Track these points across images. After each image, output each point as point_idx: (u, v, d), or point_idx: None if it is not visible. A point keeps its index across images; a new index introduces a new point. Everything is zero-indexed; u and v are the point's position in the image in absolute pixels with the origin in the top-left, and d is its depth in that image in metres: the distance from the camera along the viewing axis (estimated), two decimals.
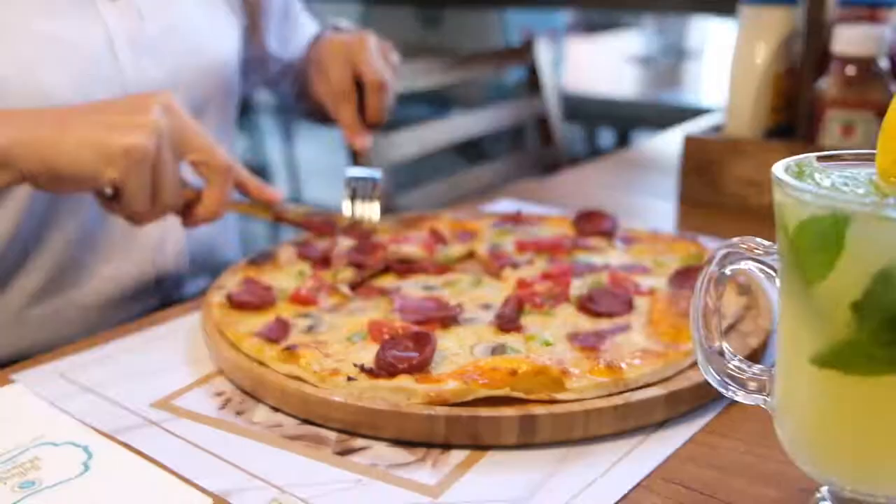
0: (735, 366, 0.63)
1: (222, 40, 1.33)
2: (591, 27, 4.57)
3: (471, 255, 1.14)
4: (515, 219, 1.24)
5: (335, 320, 0.92)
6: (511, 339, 0.87)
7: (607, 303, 0.93)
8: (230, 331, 0.90)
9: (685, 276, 1.01)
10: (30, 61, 1.06)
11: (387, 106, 1.23)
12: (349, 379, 0.79)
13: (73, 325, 1.22)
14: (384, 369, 0.79)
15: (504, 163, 2.42)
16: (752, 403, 0.63)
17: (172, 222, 1.26)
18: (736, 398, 0.63)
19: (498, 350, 0.84)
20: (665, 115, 3.55)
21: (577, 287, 0.99)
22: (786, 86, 1.43)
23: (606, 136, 4.16)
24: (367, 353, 0.84)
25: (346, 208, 1.20)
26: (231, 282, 1.02)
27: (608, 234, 1.17)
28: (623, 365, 0.80)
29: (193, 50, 1.26)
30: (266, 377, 0.82)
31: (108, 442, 0.77)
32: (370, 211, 1.19)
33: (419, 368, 0.80)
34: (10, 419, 0.81)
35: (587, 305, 0.92)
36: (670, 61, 4.28)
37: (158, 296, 1.31)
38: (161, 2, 1.22)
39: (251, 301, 0.95)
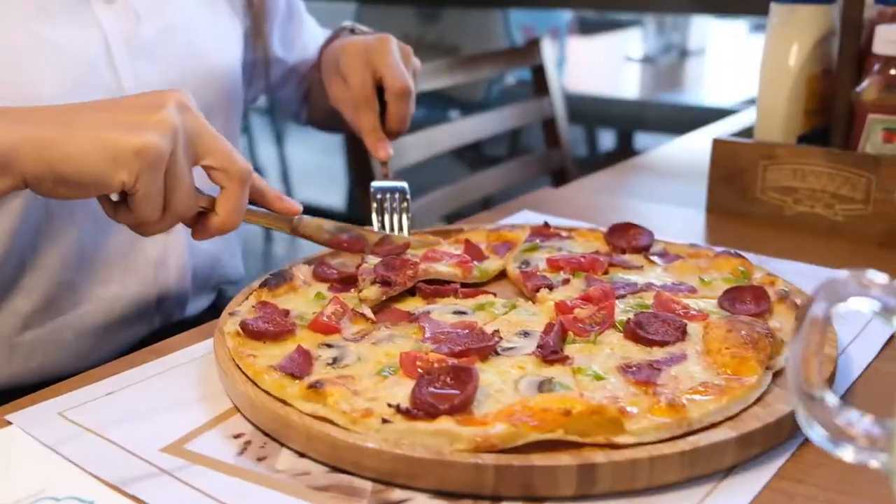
0: (843, 418, 0.55)
1: (225, 43, 1.25)
2: (590, 27, 4.51)
3: (502, 274, 1.07)
4: (544, 232, 1.16)
5: (362, 351, 0.84)
6: (557, 372, 0.79)
7: (658, 329, 0.85)
8: (247, 363, 0.81)
9: (737, 297, 0.93)
10: (23, 65, 0.98)
11: (410, 113, 1.15)
12: (384, 421, 0.71)
13: (68, 350, 1.14)
14: (422, 409, 0.72)
15: (509, 167, 2.34)
16: (864, 463, 0.55)
17: (174, 237, 1.18)
18: (846, 457, 0.55)
19: (545, 385, 0.77)
20: (668, 116, 3.48)
21: (621, 310, 0.91)
22: (821, 88, 1.35)
23: (606, 138, 4.09)
24: (402, 390, 0.76)
25: (375, 222, 1.13)
26: (244, 306, 0.94)
27: (644, 250, 1.10)
28: (685, 401, 0.72)
29: (194, 53, 1.18)
30: (290, 418, 0.74)
31: (115, 496, 0.69)
32: (399, 224, 1.12)
33: (461, 408, 0.72)
34: (6, 468, 0.73)
35: (636, 332, 0.84)
36: (672, 61, 4.21)
37: (160, 317, 1.23)
38: (158, 2, 1.14)
39: (269, 329, 0.87)
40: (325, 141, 4.14)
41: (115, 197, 0.86)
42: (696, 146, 1.84)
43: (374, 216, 1.14)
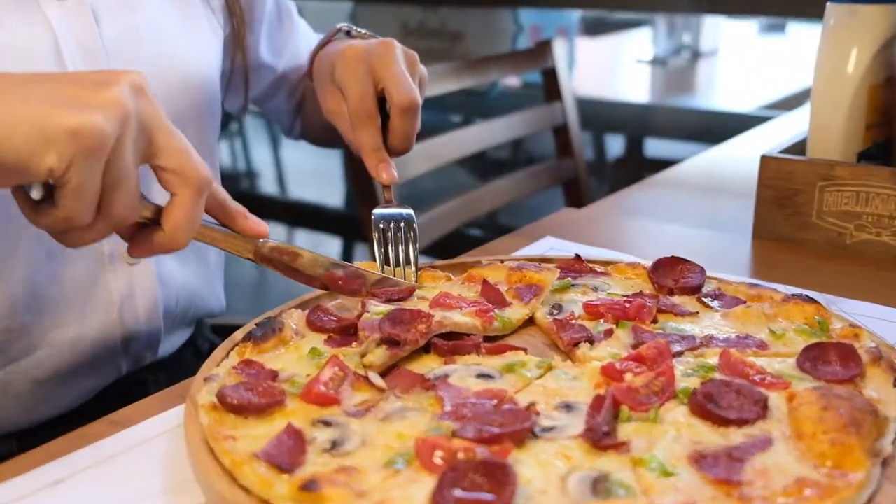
0: None
1: (200, 49, 1.08)
2: (596, 27, 4.34)
3: (529, 320, 0.91)
4: (576, 267, 1.00)
5: (367, 431, 0.68)
6: (613, 464, 0.63)
7: (732, 402, 0.69)
8: (223, 449, 0.65)
9: (819, 357, 0.77)
10: None
11: (416, 130, 0.99)
12: None
13: (22, 401, 0.99)
14: None
15: (517, 178, 2.18)
16: None
17: (142, 269, 1.02)
18: None
19: (600, 485, 0.61)
20: (680, 121, 3.33)
21: (681, 373, 0.75)
22: (884, 99, 1.19)
23: (614, 143, 3.93)
24: (419, 491, 0.60)
25: (377, 255, 0.97)
26: (223, 367, 0.78)
27: (696, 291, 0.94)
28: None
29: (164, 59, 1.01)
30: None
31: None
32: (406, 258, 0.96)
33: None
34: None
35: (706, 407, 0.68)
36: (683, 63, 4.05)
37: (128, 360, 1.07)
38: (121, 3, 0.98)
39: (253, 402, 0.71)
40: None
41: (37, 194, 0.68)
42: (732, 159, 1.69)
43: (376, 248, 0.98)
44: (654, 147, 3.65)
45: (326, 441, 0.67)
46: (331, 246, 4.32)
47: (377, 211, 1.00)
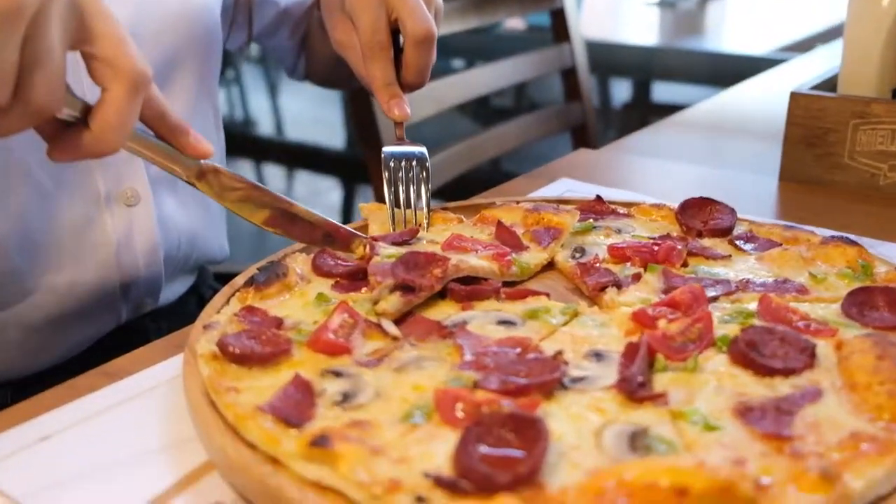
0: None
1: None
2: None
3: (550, 265, 0.85)
4: (597, 208, 0.94)
5: (381, 381, 0.63)
6: (651, 418, 0.58)
7: (777, 350, 0.64)
8: (226, 402, 0.60)
9: (865, 303, 0.72)
10: None
11: (431, 63, 0.92)
12: (418, 500, 0.50)
13: (14, 350, 0.93)
14: (474, 482, 0.50)
15: (524, 122, 2.10)
16: None
17: (140, 210, 0.96)
18: None
19: (639, 440, 0.55)
20: (689, 64, 3.24)
21: (719, 320, 0.70)
22: None
23: (620, 88, 3.84)
24: (440, 447, 0.55)
25: (387, 195, 0.91)
26: (224, 314, 0.72)
27: (726, 233, 0.88)
28: (846, 477, 0.51)
29: None
30: (284, 490, 0.53)
31: None
32: (417, 198, 0.91)
33: (528, 479, 0.51)
34: None
35: (749, 356, 0.63)
36: (692, 5, 3.94)
37: (128, 307, 1.01)
38: None
39: (256, 351, 0.65)
40: (322, 91, 3.88)
41: None
42: (752, 100, 1.62)
43: (385, 188, 0.92)
44: (662, 92, 3.57)
45: (337, 393, 0.61)
46: (331, 191, 4.25)
47: (388, 149, 0.94)
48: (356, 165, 3.06)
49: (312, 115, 5.31)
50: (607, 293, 0.75)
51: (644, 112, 3.35)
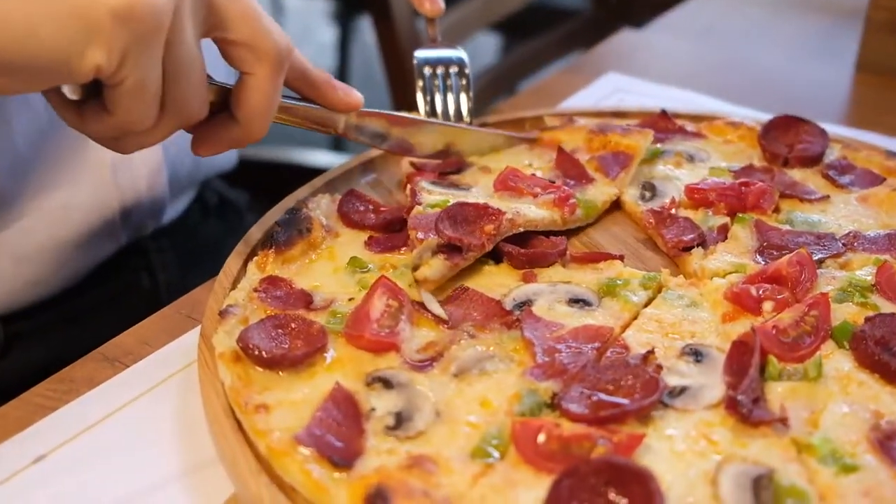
0: None
1: None
2: None
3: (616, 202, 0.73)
4: (662, 126, 0.81)
5: (438, 392, 0.53)
6: (772, 452, 0.48)
7: None
8: (256, 429, 0.50)
9: None
10: None
11: None
12: None
13: (6, 283, 0.83)
14: None
15: None
16: None
17: None
18: None
19: (764, 493, 0.45)
20: None
21: (831, 300, 0.59)
22: None
23: None
24: (522, 497, 0.45)
25: (421, 105, 0.79)
26: (242, 289, 0.61)
27: (817, 160, 0.76)
28: None
29: None
30: None
31: None
32: (457, 110, 0.79)
33: None
34: None
35: (881, 359, 0.53)
36: None
37: (127, 231, 0.90)
38: None
39: (287, 355, 0.54)
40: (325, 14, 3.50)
41: (74, 94, 0.54)
42: None
43: (420, 98, 0.79)
44: None
45: (388, 415, 0.51)
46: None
47: (421, 53, 0.81)
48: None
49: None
50: (693, 256, 0.64)
51: None
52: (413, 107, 0.79)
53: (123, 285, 0.91)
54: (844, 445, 0.48)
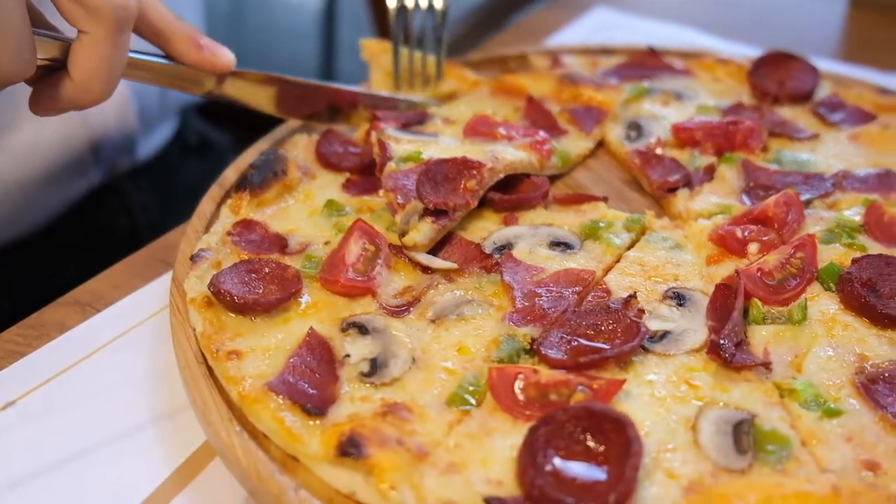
0: None
1: None
2: None
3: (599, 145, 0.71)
4: (649, 63, 0.79)
5: (415, 338, 0.51)
6: (755, 396, 0.48)
7: None
8: (227, 375, 0.49)
9: None
10: None
11: None
12: None
13: None
14: None
15: None
16: None
17: None
18: None
19: (745, 438, 0.45)
20: None
21: (818, 241, 0.57)
22: None
23: None
24: (499, 444, 0.45)
25: (392, 33, 0.75)
26: (216, 233, 0.59)
27: (807, 97, 0.74)
28: None
29: None
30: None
31: None
32: (437, 57, 0.76)
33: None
34: None
35: (867, 301, 0.51)
36: None
37: (99, 168, 0.88)
38: None
39: (259, 300, 0.53)
40: None
41: None
42: None
43: (392, 22, 0.76)
44: None
45: (363, 361, 0.50)
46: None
47: None
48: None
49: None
50: (678, 197, 0.62)
51: None
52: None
53: (101, 227, 0.89)
54: (828, 389, 0.47)
